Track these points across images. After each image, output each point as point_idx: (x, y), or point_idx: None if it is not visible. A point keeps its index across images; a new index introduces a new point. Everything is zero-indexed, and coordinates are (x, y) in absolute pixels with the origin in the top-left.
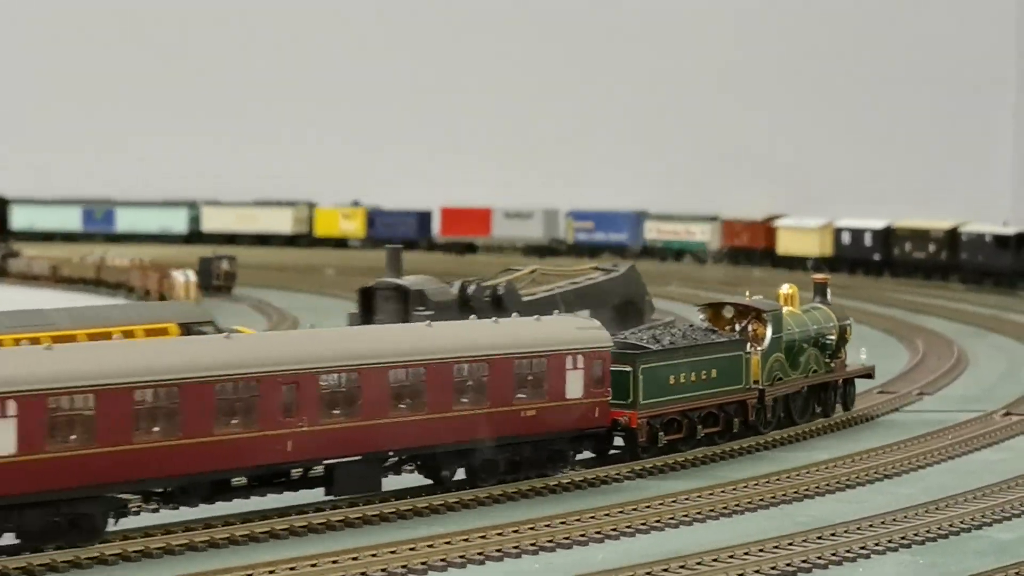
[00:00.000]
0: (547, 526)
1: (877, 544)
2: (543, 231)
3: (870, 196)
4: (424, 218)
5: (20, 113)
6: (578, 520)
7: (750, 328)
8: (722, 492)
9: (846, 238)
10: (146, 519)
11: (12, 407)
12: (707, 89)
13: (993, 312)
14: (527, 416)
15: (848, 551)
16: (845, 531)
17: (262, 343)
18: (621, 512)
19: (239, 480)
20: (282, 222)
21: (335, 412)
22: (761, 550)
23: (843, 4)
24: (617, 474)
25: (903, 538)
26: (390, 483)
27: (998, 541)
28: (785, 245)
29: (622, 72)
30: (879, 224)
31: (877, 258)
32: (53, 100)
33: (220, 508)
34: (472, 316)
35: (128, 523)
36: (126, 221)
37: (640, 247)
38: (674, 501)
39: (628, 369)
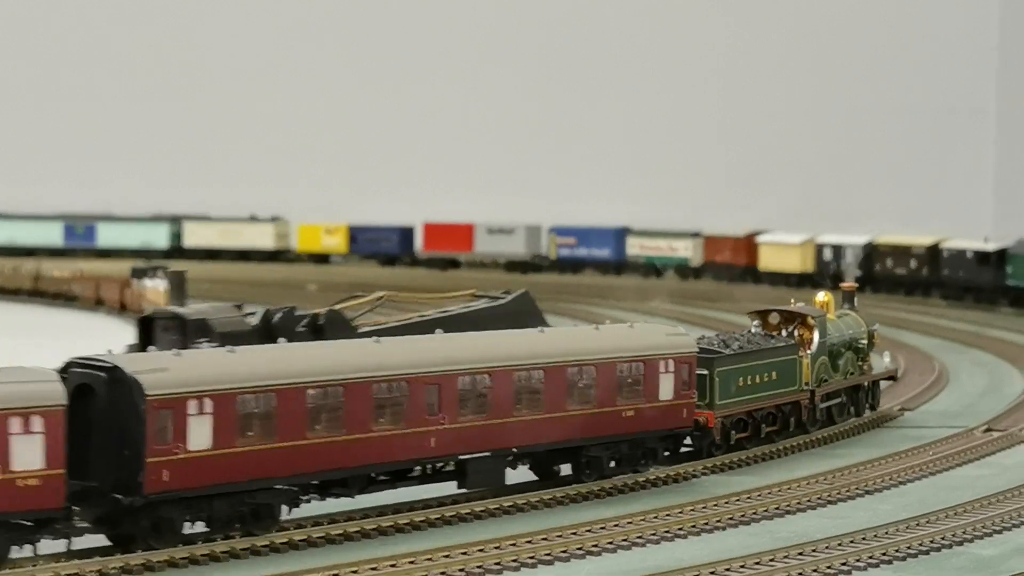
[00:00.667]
0: (528, 542)
1: (858, 560)
2: (525, 247)
3: (853, 214)
4: (406, 234)
5: (0, 127)
6: (559, 536)
7: (796, 333)
8: (703, 508)
9: (828, 254)
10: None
11: (209, 405)
12: (690, 106)
13: (974, 328)
14: (627, 416)
15: (829, 567)
16: (826, 547)
17: (409, 347)
18: (603, 528)
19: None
20: (264, 238)
21: (469, 411)
22: (742, 566)
23: (828, 26)
24: (600, 490)
25: (884, 554)
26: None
27: (979, 557)
28: (767, 261)
29: (605, 88)
30: (861, 240)
31: (859, 274)
32: (33, 115)
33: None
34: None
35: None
36: (108, 237)
37: (622, 262)
38: (655, 517)
39: (705, 372)
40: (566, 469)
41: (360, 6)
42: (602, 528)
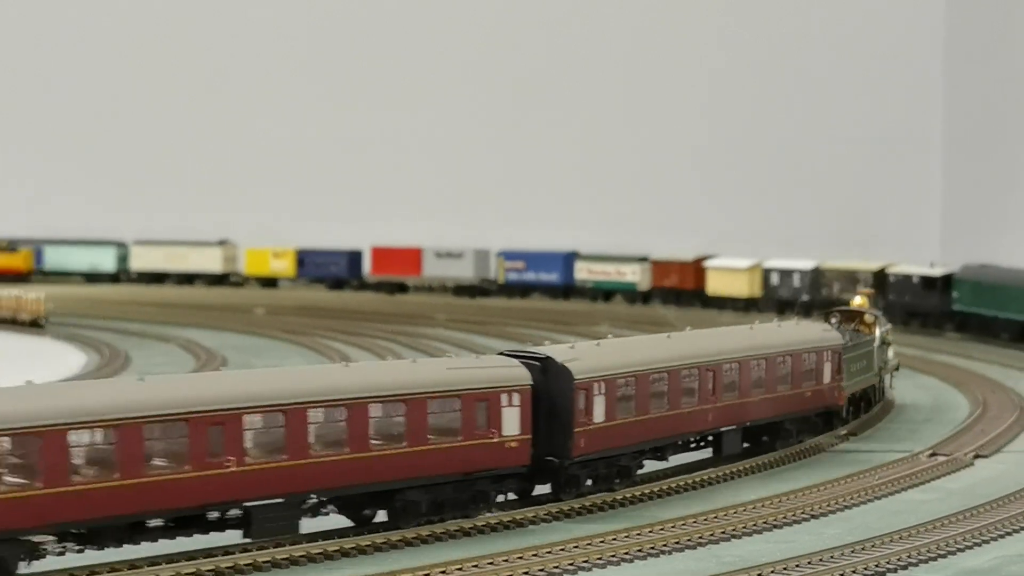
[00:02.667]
0: (474, 566)
1: None
2: (474, 271)
3: (800, 239)
4: (355, 257)
5: None
6: (505, 560)
7: (856, 329)
8: (649, 532)
9: (775, 279)
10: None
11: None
12: (639, 132)
13: (920, 353)
14: (807, 396)
15: None
16: (772, 571)
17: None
18: (549, 553)
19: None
20: (211, 261)
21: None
22: None
23: (777, 54)
24: (547, 513)
25: None
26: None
27: None
28: (714, 286)
29: (554, 114)
30: (808, 265)
31: (806, 299)
32: None
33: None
34: None
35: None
36: (54, 260)
37: (571, 286)
38: (602, 541)
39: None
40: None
41: (309, 33)
42: (548, 552)
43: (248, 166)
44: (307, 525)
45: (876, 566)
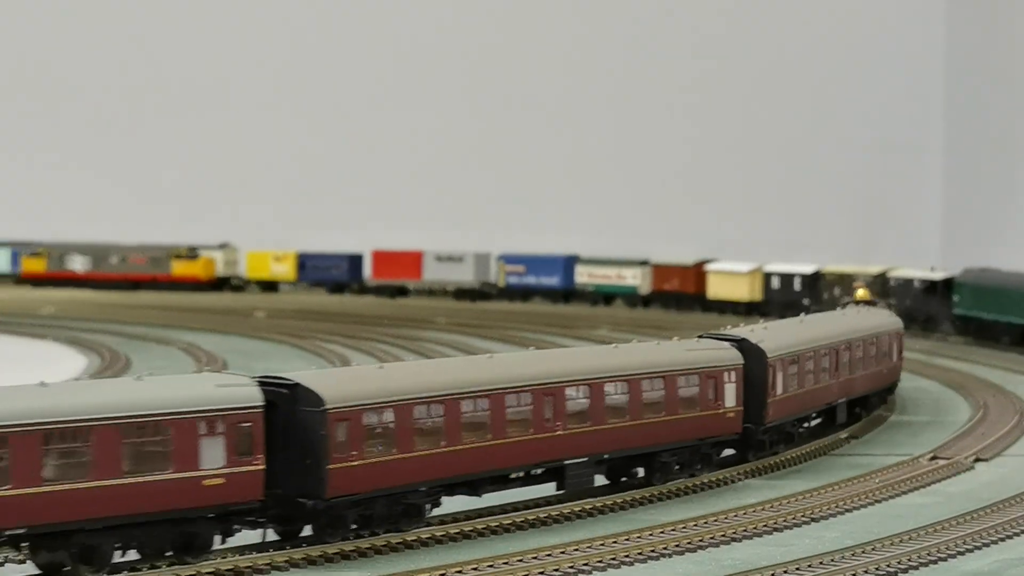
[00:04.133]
0: (474, 569)
1: None
2: (474, 275)
3: (801, 243)
4: (355, 261)
5: None
6: (506, 563)
7: None
8: (649, 535)
9: (776, 283)
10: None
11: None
12: (641, 137)
13: (921, 357)
14: (882, 373)
15: None
16: (772, 574)
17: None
18: (550, 555)
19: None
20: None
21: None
22: None
23: (779, 61)
24: (547, 516)
25: None
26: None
27: None
28: (715, 289)
29: (555, 119)
30: (808, 269)
31: (807, 302)
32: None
33: None
34: None
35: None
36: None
37: (571, 290)
38: (602, 544)
39: None
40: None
41: (310, 38)
42: (548, 555)
43: (250, 170)
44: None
45: (876, 569)
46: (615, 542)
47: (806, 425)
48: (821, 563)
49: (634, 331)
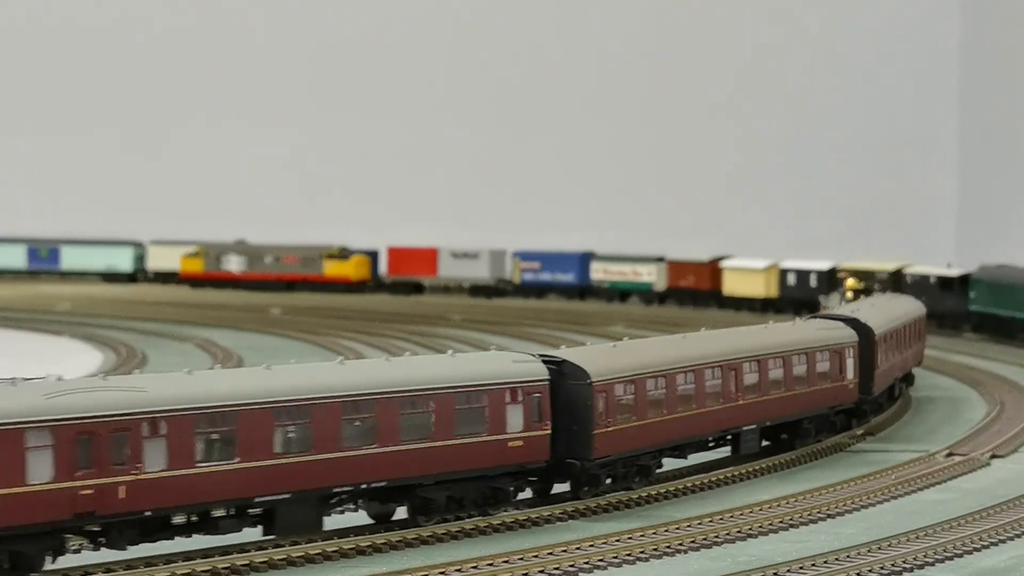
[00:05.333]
0: (489, 565)
1: None
2: (490, 271)
3: (817, 240)
4: (372, 258)
5: None
6: (521, 559)
7: None
8: (665, 531)
9: (792, 279)
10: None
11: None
12: (654, 133)
13: (937, 353)
14: (916, 353)
15: None
16: (788, 571)
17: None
18: (565, 551)
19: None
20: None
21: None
22: None
23: (792, 57)
24: (562, 512)
25: None
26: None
27: None
28: (731, 286)
29: (572, 116)
30: (824, 265)
31: (822, 299)
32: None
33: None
34: None
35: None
36: (71, 260)
37: (586, 287)
38: (617, 540)
39: None
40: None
41: (327, 38)
42: (564, 551)
43: (265, 168)
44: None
45: (892, 565)
46: (631, 538)
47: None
48: (837, 559)
49: (650, 328)
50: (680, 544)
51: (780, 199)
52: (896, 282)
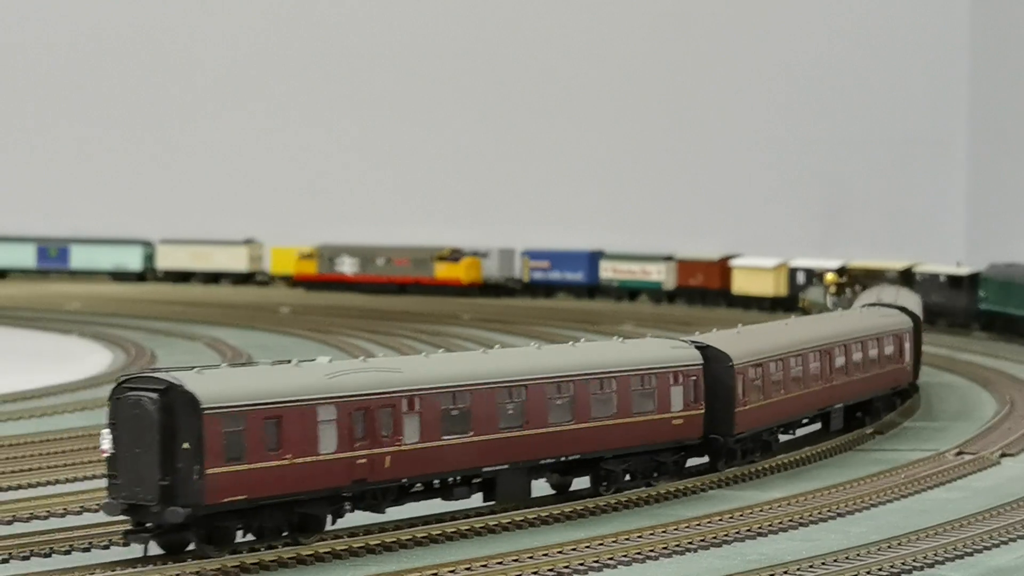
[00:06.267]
0: (499, 563)
1: None
2: (499, 270)
3: (826, 239)
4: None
5: None
6: (531, 557)
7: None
8: (675, 530)
9: (801, 278)
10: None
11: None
12: (663, 131)
13: (947, 352)
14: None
15: None
16: (798, 569)
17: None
18: (575, 549)
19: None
20: (237, 260)
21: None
22: None
23: (802, 56)
24: (572, 511)
25: None
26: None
27: None
28: (740, 285)
29: (581, 114)
30: (834, 264)
31: (801, 295)
32: (5, 136)
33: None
34: None
35: None
36: (80, 259)
37: (596, 286)
38: (626, 539)
39: None
40: None
41: (334, 39)
42: (573, 550)
43: (275, 167)
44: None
45: (902, 564)
46: (640, 536)
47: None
48: (847, 558)
49: (659, 327)
50: (690, 543)
51: (789, 198)
52: (906, 281)
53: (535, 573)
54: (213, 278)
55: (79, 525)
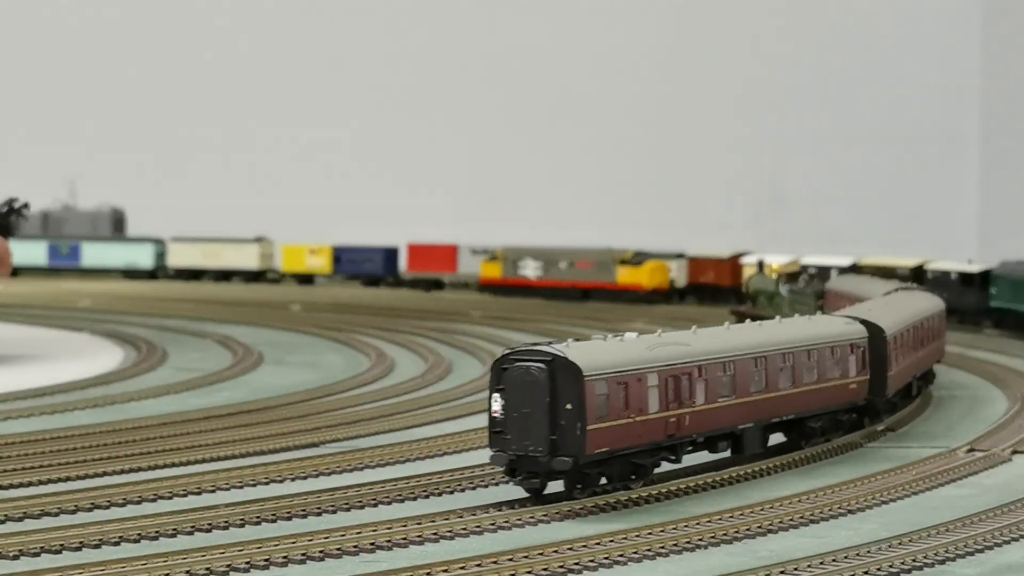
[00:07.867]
0: (509, 560)
1: None
2: None
3: (838, 236)
4: (391, 254)
5: None
6: (541, 554)
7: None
8: (685, 527)
9: None
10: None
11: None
12: (673, 129)
13: (958, 349)
14: None
15: None
16: (808, 566)
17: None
18: (584, 546)
19: None
20: (248, 258)
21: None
22: None
23: (813, 53)
24: (581, 508)
25: (866, 573)
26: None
27: None
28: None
29: (588, 112)
30: (845, 261)
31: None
32: (18, 133)
33: None
34: None
35: None
36: (92, 257)
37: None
38: (637, 535)
39: None
40: None
41: (346, 35)
42: (583, 546)
43: (285, 164)
44: None
45: (912, 561)
46: (650, 533)
47: None
48: (857, 555)
49: (670, 324)
50: (700, 539)
51: (801, 195)
52: (917, 278)
53: (545, 570)
54: (224, 276)
55: (91, 522)
